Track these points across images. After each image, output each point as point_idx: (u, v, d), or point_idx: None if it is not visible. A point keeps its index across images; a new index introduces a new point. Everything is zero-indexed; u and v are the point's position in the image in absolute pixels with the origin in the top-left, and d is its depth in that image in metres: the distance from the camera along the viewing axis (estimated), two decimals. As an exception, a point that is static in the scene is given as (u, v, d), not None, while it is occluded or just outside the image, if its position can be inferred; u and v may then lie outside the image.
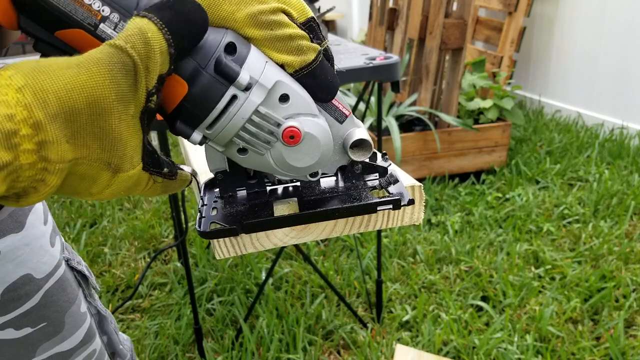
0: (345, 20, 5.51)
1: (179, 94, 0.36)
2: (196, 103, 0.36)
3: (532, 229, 2.06)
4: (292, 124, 0.39)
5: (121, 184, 0.33)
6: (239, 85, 0.36)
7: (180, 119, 0.37)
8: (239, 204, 0.45)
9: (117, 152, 0.31)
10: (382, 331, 1.57)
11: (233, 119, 0.37)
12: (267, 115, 0.38)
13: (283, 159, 0.40)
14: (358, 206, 0.44)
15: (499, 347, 1.46)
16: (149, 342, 1.54)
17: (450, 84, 2.53)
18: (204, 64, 0.36)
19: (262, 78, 0.37)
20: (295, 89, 0.38)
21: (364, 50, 1.44)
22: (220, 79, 0.36)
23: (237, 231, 0.42)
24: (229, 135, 0.38)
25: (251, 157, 0.40)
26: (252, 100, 0.37)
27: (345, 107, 0.42)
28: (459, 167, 2.54)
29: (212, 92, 0.36)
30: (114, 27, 0.34)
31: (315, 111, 0.40)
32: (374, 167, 0.46)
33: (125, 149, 0.32)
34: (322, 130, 0.40)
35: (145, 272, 1.74)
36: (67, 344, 0.53)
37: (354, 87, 2.85)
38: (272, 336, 1.52)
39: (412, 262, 1.89)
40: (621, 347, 1.43)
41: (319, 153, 0.41)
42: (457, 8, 2.45)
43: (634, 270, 1.77)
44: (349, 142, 0.43)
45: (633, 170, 2.48)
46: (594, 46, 3.04)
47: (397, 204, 0.44)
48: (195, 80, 0.35)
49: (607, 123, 2.97)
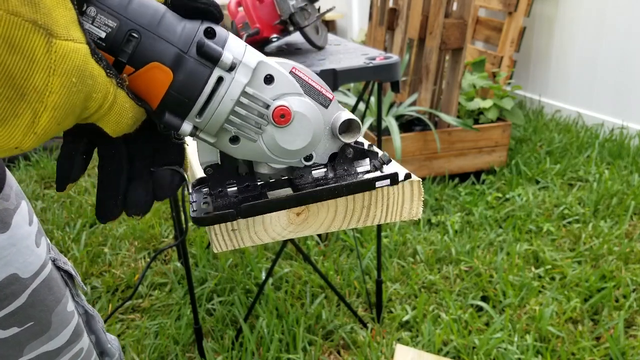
0: (345, 20, 5.50)
1: (164, 82, 0.36)
2: (183, 89, 0.36)
3: (532, 229, 2.06)
4: (280, 103, 0.39)
5: (67, 61, 0.28)
6: (224, 65, 0.36)
7: (168, 109, 0.37)
8: (231, 197, 0.45)
9: (42, 7, 0.27)
10: (382, 331, 1.57)
11: (222, 101, 0.37)
12: (255, 96, 0.38)
13: (276, 143, 0.40)
14: (357, 182, 0.44)
15: (499, 347, 1.46)
16: (149, 342, 1.54)
17: (450, 84, 2.53)
18: (186, 49, 0.35)
19: (244, 58, 0.37)
20: (279, 69, 0.39)
21: (364, 50, 1.44)
22: (204, 61, 0.36)
23: (234, 215, 0.42)
24: (219, 121, 0.38)
25: (244, 145, 0.40)
26: (238, 79, 0.37)
27: (329, 91, 0.42)
28: (459, 167, 2.54)
29: (198, 76, 0.36)
30: None
31: (300, 90, 0.40)
32: (365, 152, 0.46)
33: (52, 10, 0.27)
34: (310, 108, 0.40)
35: (145, 272, 1.74)
36: (54, 343, 0.53)
37: (354, 87, 2.85)
38: (272, 336, 1.52)
39: (412, 262, 1.89)
40: (621, 347, 1.43)
41: (311, 132, 0.41)
42: (457, 8, 2.45)
43: (634, 270, 1.77)
44: (337, 125, 0.43)
45: (633, 170, 2.48)
46: (594, 46, 3.04)
47: (394, 178, 0.44)
48: (179, 65, 0.35)
49: (607, 123, 2.97)
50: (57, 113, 0.29)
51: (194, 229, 2.13)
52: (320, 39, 1.48)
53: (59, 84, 0.28)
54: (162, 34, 0.35)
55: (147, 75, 0.35)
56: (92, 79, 0.31)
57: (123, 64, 0.35)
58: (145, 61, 0.35)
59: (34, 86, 0.28)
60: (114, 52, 0.35)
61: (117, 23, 0.34)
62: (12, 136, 0.28)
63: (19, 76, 0.27)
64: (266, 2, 1.35)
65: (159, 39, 0.35)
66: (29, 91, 0.28)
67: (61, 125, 0.30)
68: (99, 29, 0.34)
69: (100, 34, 0.34)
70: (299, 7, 1.31)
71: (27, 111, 0.28)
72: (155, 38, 0.35)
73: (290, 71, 0.40)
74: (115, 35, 0.34)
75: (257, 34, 1.37)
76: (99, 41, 0.34)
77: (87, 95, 0.31)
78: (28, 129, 0.28)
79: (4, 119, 0.28)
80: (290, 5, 1.31)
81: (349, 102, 2.56)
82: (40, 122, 0.29)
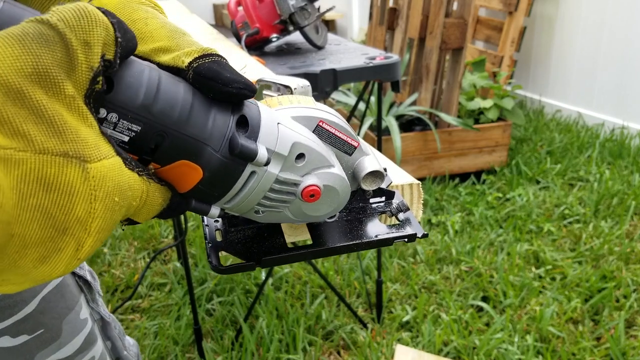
0: (345, 19, 5.50)
1: (194, 179, 0.33)
2: (213, 185, 0.34)
3: (533, 229, 2.06)
4: (311, 182, 0.37)
5: (107, 182, 0.27)
6: (258, 163, 0.34)
7: (196, 198, 0.35)
8: (243, 224, 0.44)
9: (68, 134, 0.25)
10: (382, 331, 1.56)
11: (253, 193, 0.35)
12: (286, 180, 0.36)
13: (302, 212, 0.40)
14: (377, 241, 0.43)
15: (500, 347, 1.46)
16: (148, 342, 1.54)
17: (450, 83, 2.52)
18: (218, 148, 0.32)
19: (277, 147, 0.35)
20: (309, 145, 0.37)
21: (364, 50, 1.44)
22: (237, 159, 0.33)
23: (253, 267, 0.41)
24: (249, 207, 0.37)
25: (268, 215, 0.39)
26: (271, 172, 0.35)
27: (354, 139, 0.41)
28: (459, 167, 2.54)
29: (230, 174, 0.33)
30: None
31: (329, 161, 0.38)
32: (382, 191, 0.46)
33: (79, 132, 0.26)
34: (339, 180, 0.39)
35: (145, 272, 1.74)
36: (65, 351, 0.52)
37: (354, 87, 2.85)
38: (272, 336, 1.51)
39: (412, 262, 1.88)
40: (622, 348, 1.43)
41: (338, 201, 0.40)
42: (458, 8, 2.45)
43: (634, 270, 1.76)
44: (360, 173, 0.42)
45: (634, 170, 2.47)
46: (594, 46, 3.03)
47: (412, 238, 0.44)
48: (211, 164, 0.32)
49: (608, 123, 2.97)
50: (101, 235, 0.27)
51: (193, 229, 2.13)
52: (320, 39, 1.47)
53: (102, 208, 0.27)
54: (191, 132, 0.32)
55: (174, 171, 0.33)
56: (130, 190, 0.29)
57: (149, 161, 0.32)
58: (173, 160, 0.32)
59: (77, 218, 0.26)
60: (139, 153, 0.32)
61: (141, 127, 0.30)
62: (54, 269, 0.26)
63: (59, 213, 0.25)
64: (266, 2, 1.35)
65: (188, 138, 0.32)
66: (72, 224, 0.26)
67: (103, 240, 0.28)
68: (121, 134, 0.30)
69: (124, 138, 0.30)
70: (298, 6, 1.31)
71: (70, 243, 0.26)
72: (184, 138, 0.32)
73: (317, 124, 0.39)
74: (139, 139, 0.31)
75: (256, 33, 1.36)
76: (122, 144, 0.31)
77: (128, 207, 0.29)
78: (72, 259, 0.27)
79: (45, 257, 0.26)
80: (290, 5, 1.31)
81: (349, 102, 2.56)
82: (84, 248, 0.27)
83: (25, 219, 0.24)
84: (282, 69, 1.22)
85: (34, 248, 0.25)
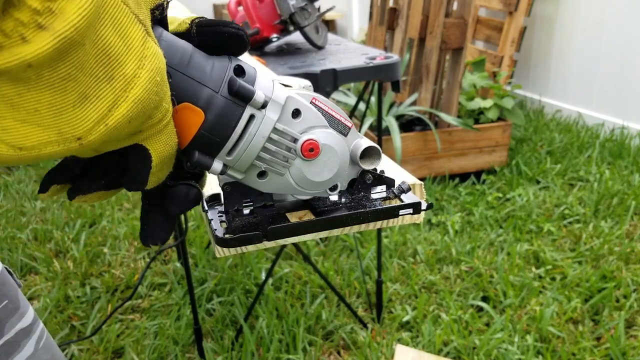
0: (345, 19, 5.50)
1: (196, 122, 0.35)
2: (215, 129, 0.35)
3: (533, 229, 2.06)
4: (308, 137, 0.39)
5: (155, 60, 0.29)
6: (256, 104, 0.36)
7: (199, 149, 0.36)
8: (250, 217, 0.44)
9: (142, 9, 0.30)
10: (382, 331, 1.56)
11: (253, 139, 0.37)
12: (285, 132, 0.38)
13: (303, 176, 0.40)
14: (381, 210, 0.44)
15: (500, 347, 1.46)
16: (148, 342, 1.54)
17: (450, 83, 2.52)
18: (218, 88, 0.35)
19: (274, 95, 0.37)
20: (304, 102, 0.39)
21: (364, 50, 1.44)
22: (237, 100, 0.35)
23: (260, 237, 0.41)
24: (250, 158, 0.38)
25: (271, 179, 0.40)
26: (269, 117, 0.37)
27: (347, 120, 0.42)
28: (459, 167, 2.54)
29: (230, 115, 0.35)
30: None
31: (325, 122, 0.40)
32: (382, 179, 0.47)
33: (146, 18, 0.30)
34: (336, 140, 0.41)
35: (145, 273, 1.74)
36: (26, 320, 0.55)
37: (354, 87, 2.85)
38: (272, 336, 1.51)
39: (412, 262, 1.88)
40: (622, 348, 1.43)
41: (338, 163, 0.41)
42: (458, 8, 2.45)
43: (634, 270, 1.76)
44: (357, 153, 0.43)
45: (634, 170, 2.47)
46: (594, 46, 3.03)
47: (417, 207, 0.45)
48: (211, 105, 0.35)
49: (608, 123, 2.97)
50: (135, 107, 0.29)
51: (193, 229, 2.13)
52: (321, 39, 1.48)
53: (146, 79, 0.29)
54: (193, 73, 0.34)
55: (178, 116, 0.34)
56: (166, 87, 0.31)
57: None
58: (177, 102, 0.34)
59: (124, 73, 0.28)
60: None
61: None
62: (85, 118, 0.27)
63: (114, 57, 0.27)
64: (266, 2, 1.35)
65: (190, 79, 0.34)
66: (118, 76, 0.28)
67: (130, 124, 0.30)
68: None
69: None
70: (299, 6, 1.31)
71: (109, 96, 0.28)
72: (186, 78, 0.34)
73: (310, 102, 0.40)
74: None
75: (257, 33, 1.36)
76: None
77: (159, 103, 0.31)
78: (102, 117, 0.28)
79: (85, 97, 0.27)
80: (290, 5, 1.31)
81: (349, 102, 2.56)
82: (116, 112, 0.28)
83: (90, 41, 0.26)
84: (283, 69, 1.22)
85: (84, 78, 0.26)
